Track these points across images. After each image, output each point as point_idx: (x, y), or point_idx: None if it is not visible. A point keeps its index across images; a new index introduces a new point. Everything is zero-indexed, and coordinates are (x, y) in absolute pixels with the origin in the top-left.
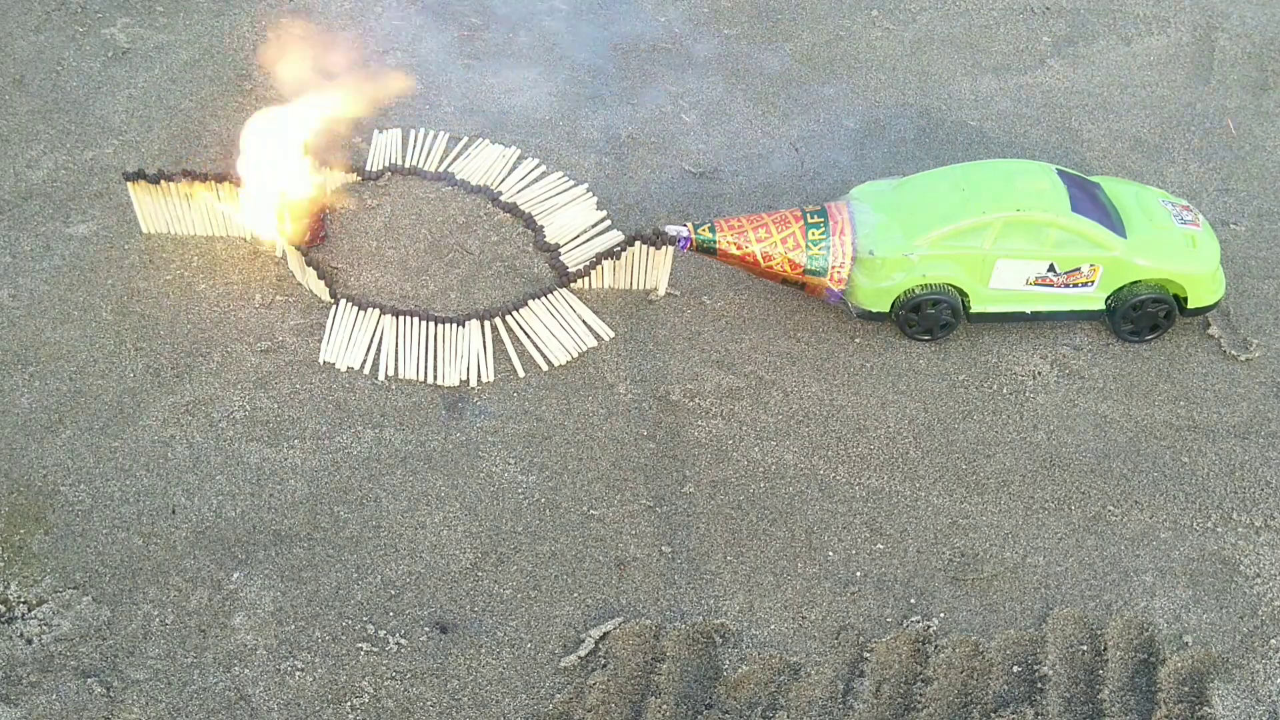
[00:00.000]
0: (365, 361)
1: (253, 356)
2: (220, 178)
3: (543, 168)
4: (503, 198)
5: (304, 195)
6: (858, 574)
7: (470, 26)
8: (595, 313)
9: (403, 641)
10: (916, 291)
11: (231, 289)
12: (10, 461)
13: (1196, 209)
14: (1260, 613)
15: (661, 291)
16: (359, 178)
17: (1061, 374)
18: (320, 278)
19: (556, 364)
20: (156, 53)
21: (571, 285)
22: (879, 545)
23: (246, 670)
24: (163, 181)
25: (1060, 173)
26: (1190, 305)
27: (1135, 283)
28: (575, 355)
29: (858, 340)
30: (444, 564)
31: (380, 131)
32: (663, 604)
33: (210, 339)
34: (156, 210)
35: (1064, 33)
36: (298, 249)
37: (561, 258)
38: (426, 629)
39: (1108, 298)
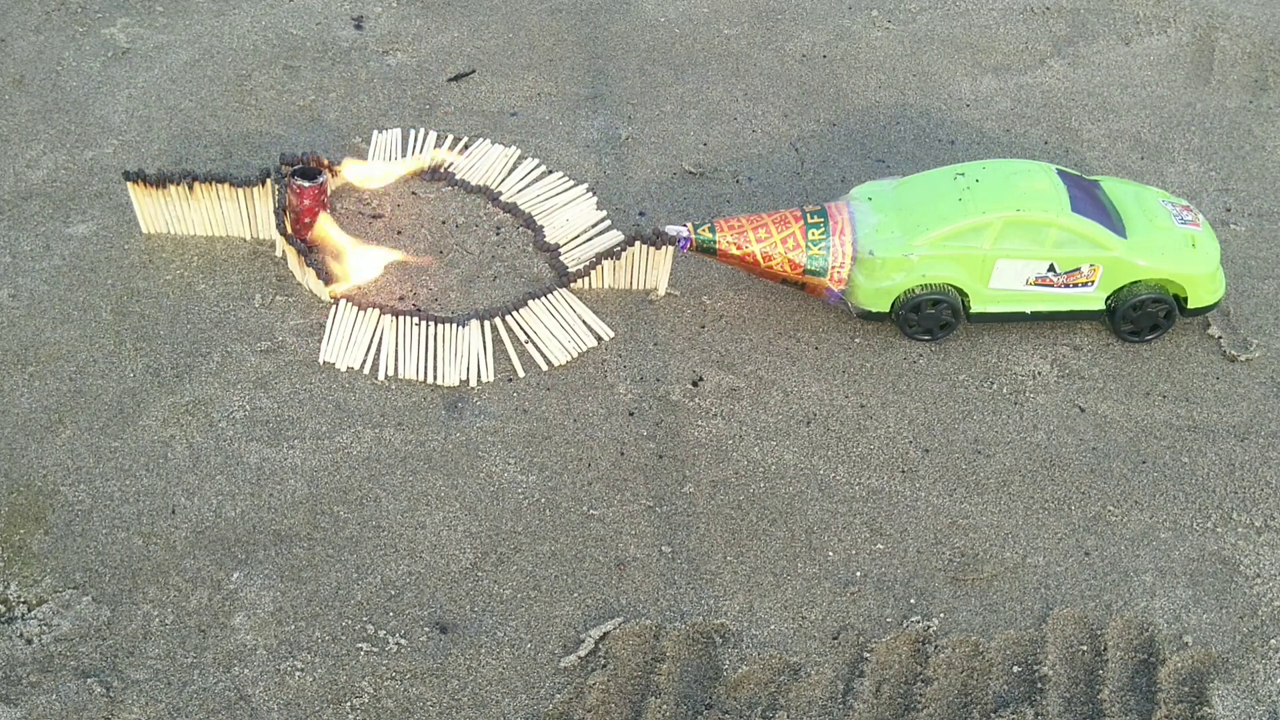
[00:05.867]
0: (365, 361)
1: (253, 356)
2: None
3: (543, 168)
4: (503, 198)
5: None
6: (858, 574)
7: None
8: (595, 313)
9: (403, 641)
10: (916, 291)
11: (231, 289)
12: (10, 461)
13: (1196, 209)
14: (1260, 613)
15: (661, 291)
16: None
17: (1061, 374)
18: (320, 278)
19: (556, 364)
20: (156, 53)
21: (571, 285)
22: (879, 545)
23: (246, 670)
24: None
25: (1060, 173)
26: (1190, 305)
27: (1135, 283)
28: (575, 355)
29: (858, 340)
30: (444, 564)
31: (380, 131)
32: (663, 604)
33: (210, 339)
34: (156, 210)
35: (1064, 33)
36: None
37: (561, 258)
38: (426, 629)
39: (1108, 298)
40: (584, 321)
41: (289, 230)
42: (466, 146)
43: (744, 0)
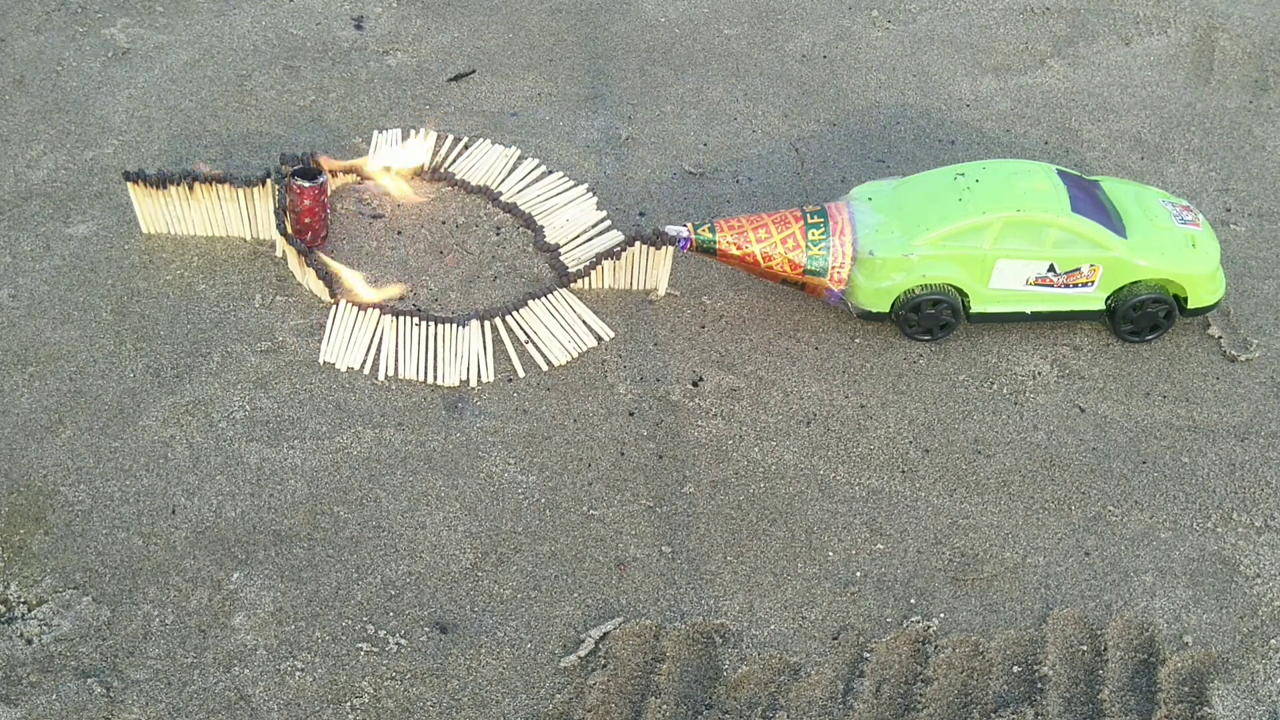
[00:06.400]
0: (365, 362)
1: (253, 356)
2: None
3: (543, 168)
4: (503, 198)
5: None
6: (858, 574)
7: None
8: (595, 313)
9: (403, 641)
10: (916, 292)
11: (231, 289)
12: (10, 461)
13: (1196, 209)
14: (1260, 613)
15: (661, 291)
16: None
17: (1061, 374)
18: (320, 278)
19: (556, 364)
20: (156, 53)
21: (571, 285)
22: (879, 545)
23: (246, 670)
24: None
25: (1060, 173)
26: (1190, 305)
27: (1135, 283)
28: (575, 355)
29: (858, 340)
30: (444, 564)
31: (380, 130)
32: (663, 604)
33: (210, 339)
34: (156, 210)
35: (1064, 33)
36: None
37: (561, 258)
38: (426, 629)
39: (1108, 298)
40: (584, 321)
41: (289, 230)
42: (467, 146)
43: (744, 0)
